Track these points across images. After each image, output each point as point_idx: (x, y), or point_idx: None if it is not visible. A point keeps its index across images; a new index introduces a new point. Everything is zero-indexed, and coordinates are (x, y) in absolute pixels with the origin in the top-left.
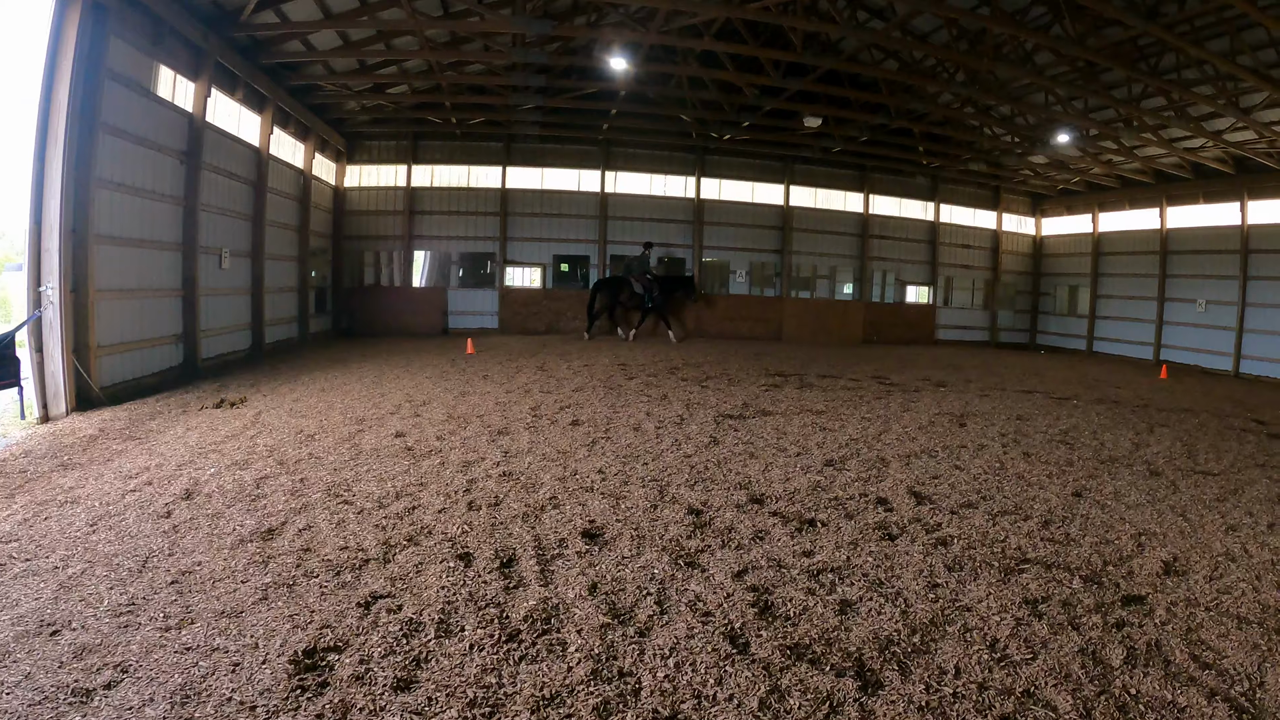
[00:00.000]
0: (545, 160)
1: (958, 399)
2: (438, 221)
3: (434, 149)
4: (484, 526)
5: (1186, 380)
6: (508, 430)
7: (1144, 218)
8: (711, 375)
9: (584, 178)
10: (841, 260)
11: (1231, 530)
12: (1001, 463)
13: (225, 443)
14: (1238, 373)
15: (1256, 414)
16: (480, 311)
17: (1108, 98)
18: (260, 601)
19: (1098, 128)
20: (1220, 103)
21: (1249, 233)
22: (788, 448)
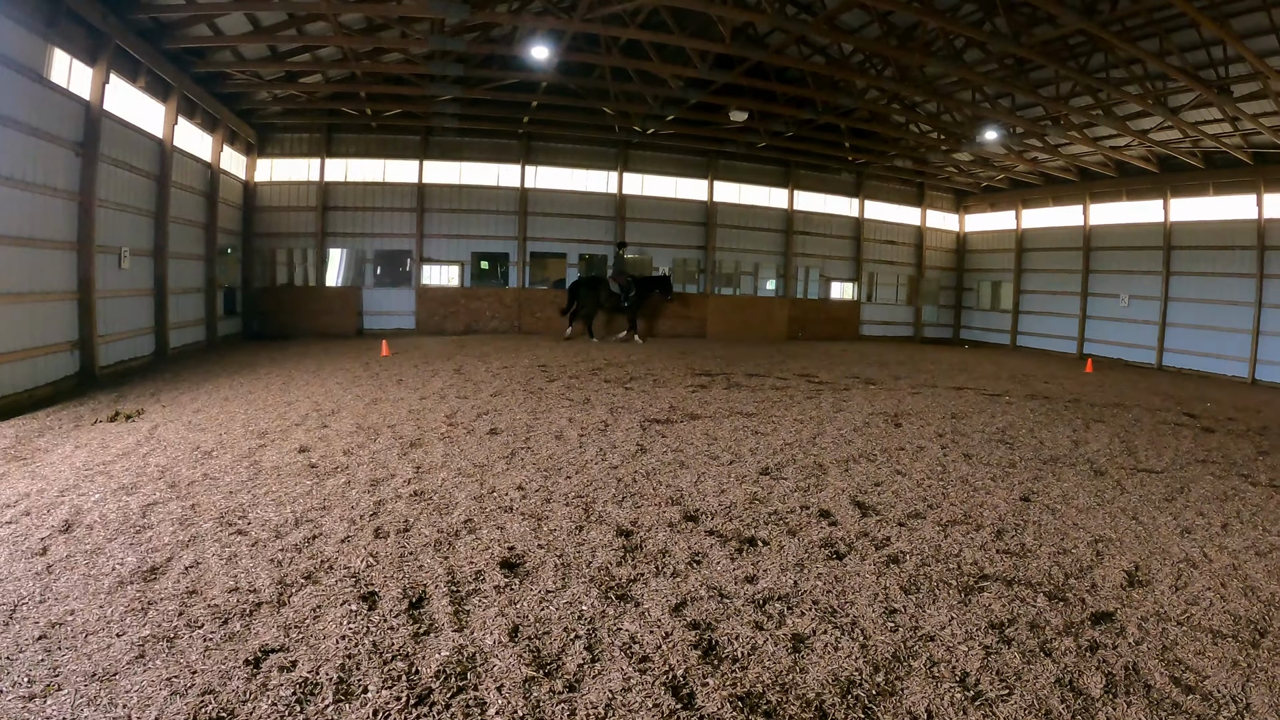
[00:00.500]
0: (464, 154)
1: (890, 397)
2: (352, 218)
3: (349, 142)
4: (391, 558)
5: (1112, 374)
6: (421, 442)
7: (1068, 214)
8: (635, 376)
9: (504, 172)
10: (766, 256)
11: (1186, 533)
12: (943, 466)
13: (115, 463)
14: (1161, 365)
15: (1186, 407)
16: (396, 311)
17: (1036, 96)
18: (136, 660)
19: (1025, 125)
20: (1149, 102)
21: (1171, 229)
22: (720, 455)
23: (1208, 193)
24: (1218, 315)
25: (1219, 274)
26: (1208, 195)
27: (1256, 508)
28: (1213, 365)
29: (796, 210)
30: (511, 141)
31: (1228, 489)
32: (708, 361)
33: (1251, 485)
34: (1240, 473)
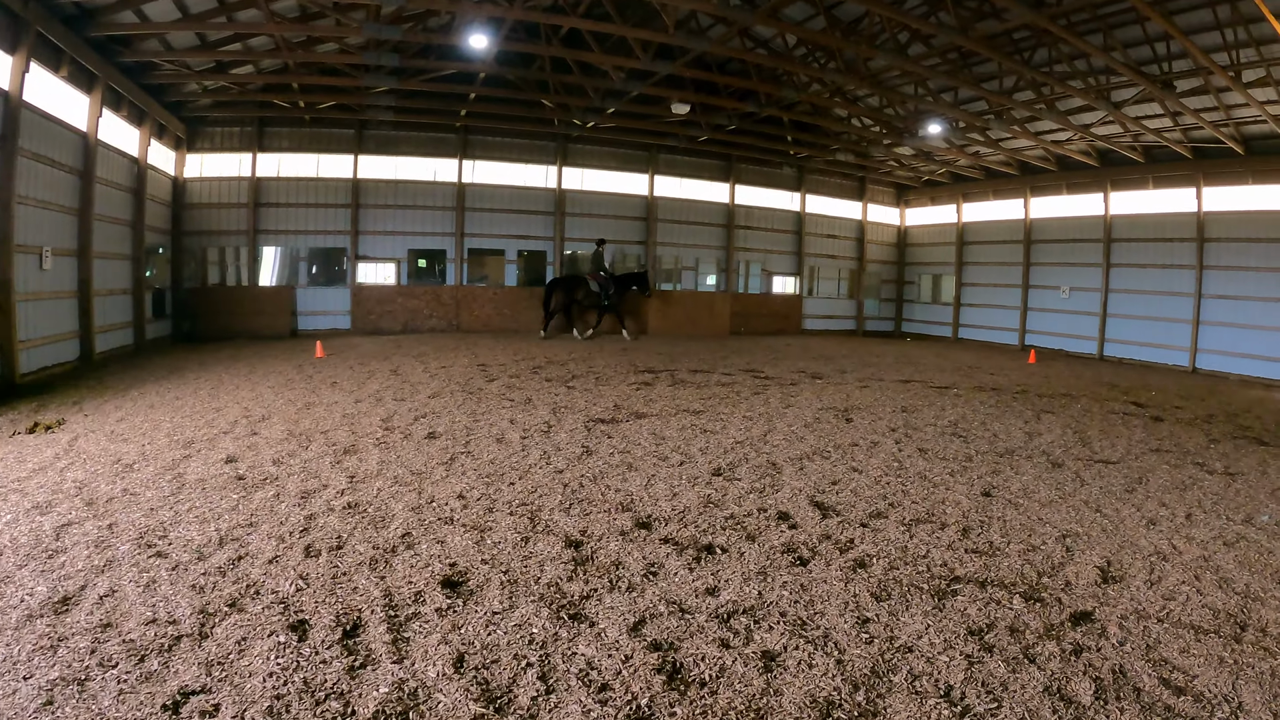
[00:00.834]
0: (400, 149)
1: (838, 391)
2: (285, 214)
3: (281, 136)
4: (323, 580)
5: (1055, 364)
6: (355, 448)
7: (1008, 208)
8: (577, 374)
9: (441, 167)
10: (707, 251)
11: (1152, 525)
12: (899, 461)
13: (30, 479)
14: (1102, 356)
15: (1132, 396)
16: (331, 311)
17: (980, 89)
18: (44, 709)
19: (968, 119)
20: (1093, 96)
21: (1111, 222)
22: (669, 455)
23: (1147, 186)
24: (1158, 306)
25: (1159, 266)
26: (1147, 189)
27: (1216, 496)
28: (1153, 355)
29: (738, 204)
30: (449, 135)
31: (1185, 478)
32: (650, 358)
33: (1208, 474)
34: (1195, 461)
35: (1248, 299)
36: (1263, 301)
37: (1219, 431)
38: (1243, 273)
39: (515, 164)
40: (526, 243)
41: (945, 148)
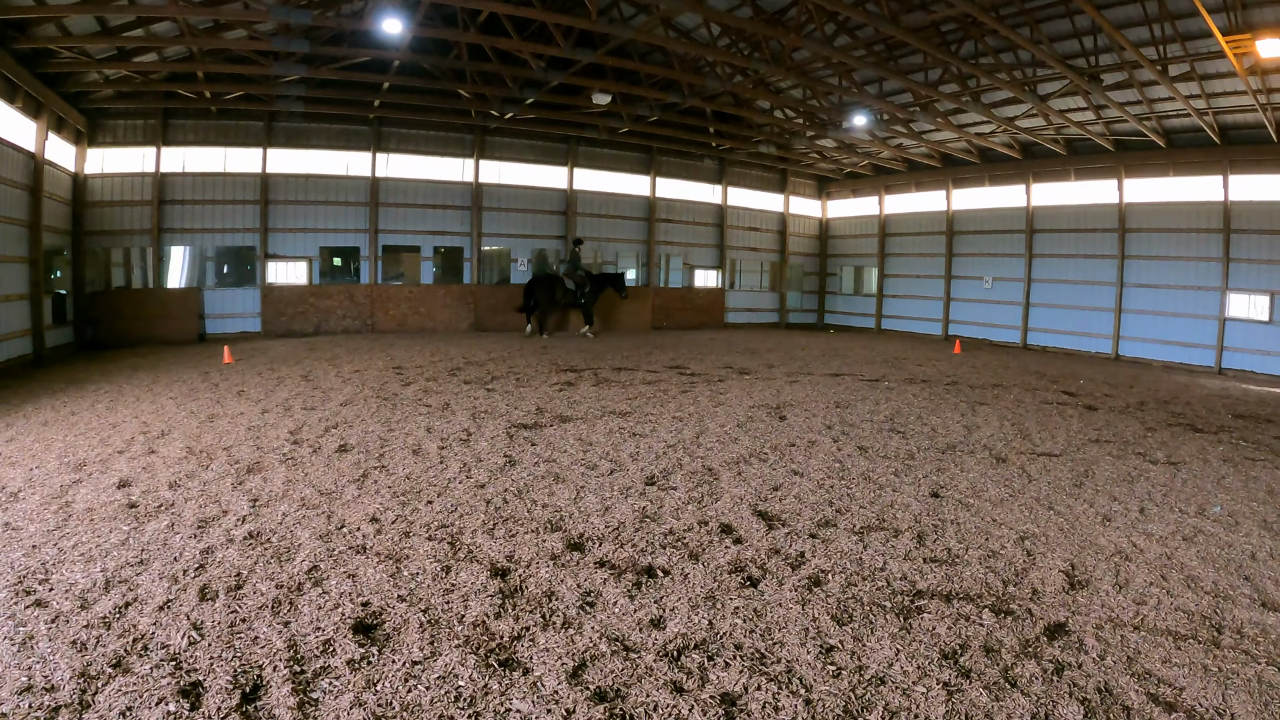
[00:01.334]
0: (311, 141)
1: (767, 387)
2: (192, 212)
3: (187, 129)
4: (219, 629)
5: (980, 354)
6: (260, 466)
7: (931, 199)
8: (497, 375)
9: (354, 161)
10: (628, 245)
11: (1107, 521)
12: (840, 462)
13: None
14: (1026, 345)
15: (1062, 385)
16: (241, 313)
17: (907, 81)
18: None
19: (893, 111)
20: (1019, 88)
21: (1034, 213)
22: (598, 464)
23: (1069, 178)
24: (1081, 295)
25: (1081, 256)
26: (1069, 181)
27: (1165, 488)
28: (1077, 343)
29: (659, 197)
30: (362, 127)
31: (1130, 470)
32: (572, 356)
33: (1151, 464)
34: (1136, 451)
35: (1168, 287)
36: (1182, 290)
37: (1153, 419)
38: (1163, 262)
39: (431, 157)
40: (443, 239)
41: (869, 140)
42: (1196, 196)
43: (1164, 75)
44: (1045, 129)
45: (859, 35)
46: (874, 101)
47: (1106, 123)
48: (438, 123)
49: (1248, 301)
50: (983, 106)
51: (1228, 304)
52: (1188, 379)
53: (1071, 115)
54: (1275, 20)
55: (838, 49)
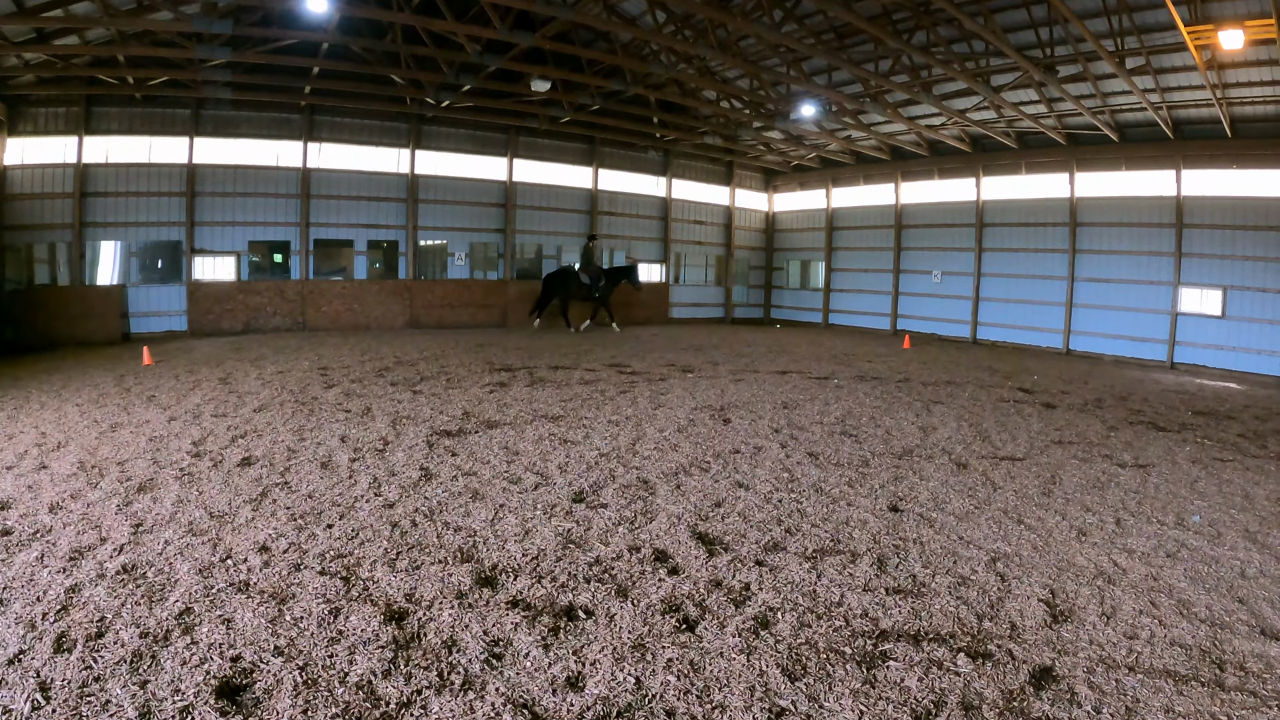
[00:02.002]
0: (240, 130)
1: (711, 387)
2: (116, 205)
3: (111, 117)
4: (69, 690)
5: (929, 349)
6: (153, 484)
7: (879, 193)
8: (426, 375)
9: (284, 150)
10: (569, 239)
11: (1084, 536)
12: (789, 471)
13: None
14: (975, 339)
15: (1016, 381)
16: (166, 311)
17: (859, 70)
18: None
19: (842, 100)
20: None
21: (984, 207)
22: (523, 476)
23: (1020, 172)
24: (1032, 289)
25: (1032, 250)
26: (1020, 174)
27: (1138, 495)
28: (1027, 337)
29: (602, 190)
30: (294, 116)
31: (1099, 474)
32: (509, 354)
33: (1120, 468)
34: (1102, 454)
35: (1120, 282)
36: (1135, 284)
37: (1114, 417)
38: (1115, 256)
39: (366, 147)
40: (378, 232)
41: (817, 132)
42: (1149, 191)
43: (1121, 67)
44: (997, 122)
45: (808, 23)
46: (824, 91)
47: (1059, 116)
48: (372, 111)
49: (1200, 296)
50: (934, 98)
51: (1180, 299)
52: (1141, 374)
53: (1024, 108)
54: (1235, 14)
55: (786, 34)
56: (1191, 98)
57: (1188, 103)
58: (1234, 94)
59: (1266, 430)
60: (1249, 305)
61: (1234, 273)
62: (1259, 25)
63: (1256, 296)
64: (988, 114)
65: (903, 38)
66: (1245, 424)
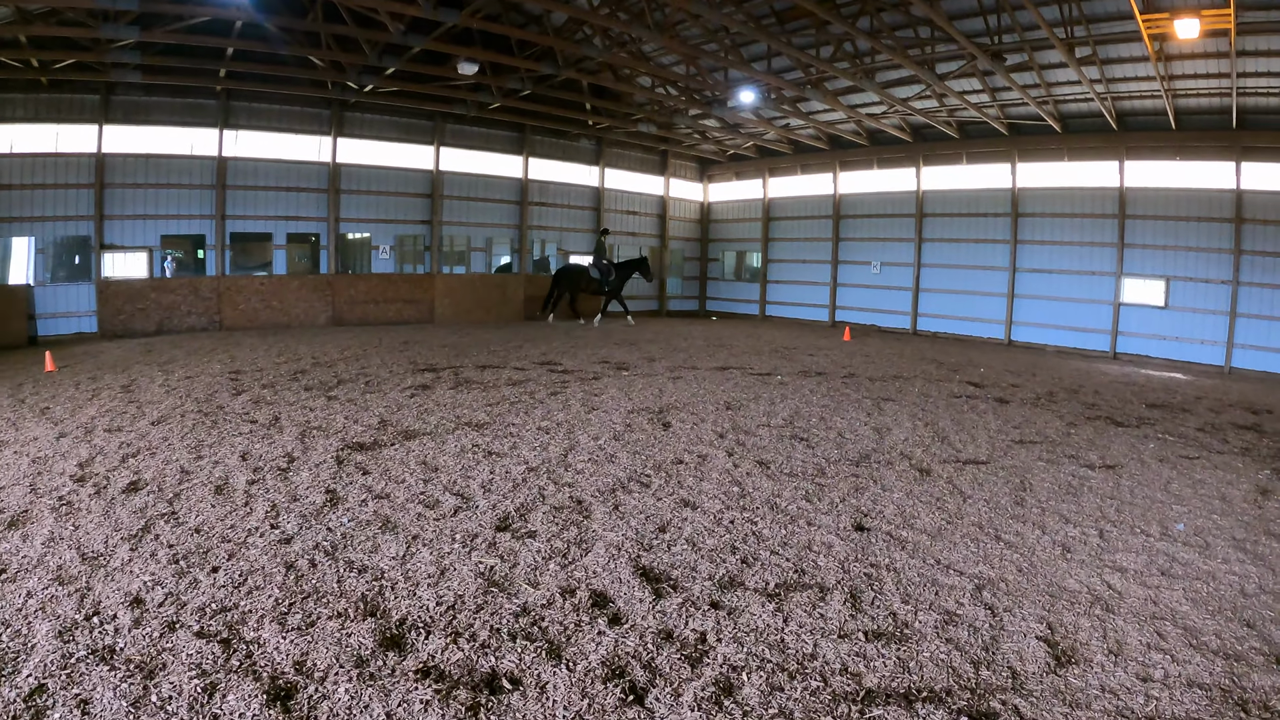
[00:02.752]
0: (153, 117)
1: (648, 386)
2: (21, 198)
3: (14, 104)
4: None
5: (870, 341)
6: (25, 517)
7: (817, 183)
8: (345, 378)
9: (199, 138)
10: (499, 230)
11: (1069, 553)
12: (740, 485)
13: None
14: (916, 330)
15: (964, 375)
16: (76, 312)
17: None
18: None
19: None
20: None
21: (924, 197)
22: (441, 499)
23: (961, 162)
24: (973, 280)
25: (973, 240)
26: (961, 164)
27: (1114, 501)
28: (969, 328)
29: (532, 179)
30: (209, 101)
31: (1069, 478)
32: (434, 352)
33: (1088, 470)
34: (1066, 453)
35: (1063, 272)
36: (1077, 275)
37: (1069, 412)
38: (1058, 247)
39: (285, 134)
40: (298, 224)
41: (755, 120)
42: (1092, 182)
43: (1071, 55)
44: (939, 111)
45: (748, 6)
46: (763, 77)
47: (1002, 106)
48: (292, 96)
49: (1143, 286)
50: (876, 85)
51: (1122, 289)
52: (1085, 364)
53: (968, 97)
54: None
55: (726, 15)
56: (1136, 89)
57: (1132, 94)
58: (1179, 86)
59: (1223, 423)
60: (1191, 295)
61: (1177, 263)
62: (1215, 15)
63: (1199, 287)
64: (930, 103)
65: (848, 21)
66: (1201, 416)
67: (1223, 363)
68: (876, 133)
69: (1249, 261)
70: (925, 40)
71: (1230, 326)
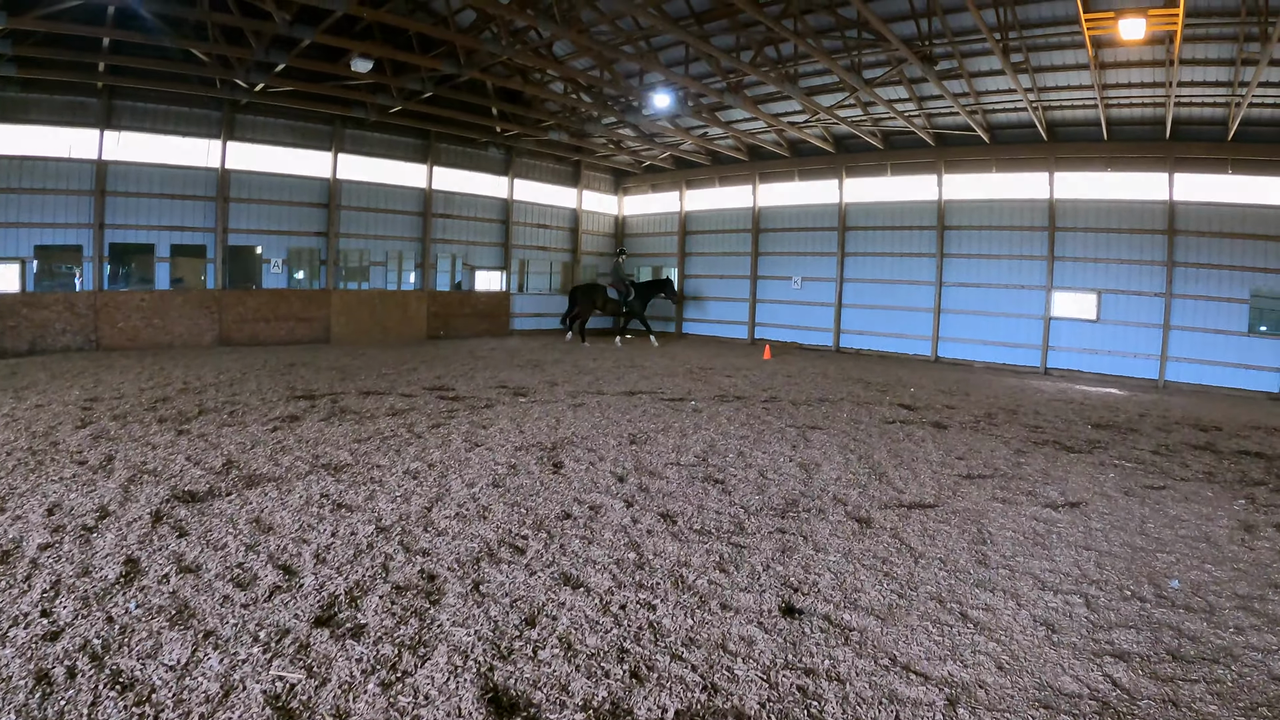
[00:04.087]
0: (28, 115)
1: (546, 415)
2: None
3: None
4: None
5: (792, 359)
6: None
7: (736, 195)
8: (209, 407)
9: (78, 140)
10: (401, 244)
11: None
12: (638, 548)
13: None
14: (839, 347)
15: (894, 396)
16: None
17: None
18: None
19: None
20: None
21: (846, 210)
22: (260, 574)
23: (886, 173)
24: (898, 295)
25: (898, 254)
26: (886, 176)
27: (1090, 551)
28: (894, 345)
29: (437, 190)
30: (89, 99)
31: (1032, 523)
32: (319, 375)
33: (1051, 510)
34: (1023, 490)
35: (991, 286)
36: (1006, 289)
37: (1013, 436)
38: (986, 260)
39: (173, 136)
40: (183, 235)
41: (672, 129)
42: (1021, 194)
43: (1006, 59)
44: (863, 120)
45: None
46: (681, 80)
47: (929, 115)
48: (180, 95)
49: (1074, 300)
50: (800, 91)
51: (1053, 303)
52: (1017, 381)
53: (895, 105)
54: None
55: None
56: (1069, 98)
57: (1064, 103)
58: (1113, 95)
59: (1176, 444)
60: (1124, 309)
61: (1109, 276)
62: (1162, 15)
63: (1132, 300)
64: (855, 112)
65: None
66: (1151, 437)
67: (1156, 376)
68: (798, 143)
69: (1182, 273)
70: (853, 44)
71: (1164, 340)
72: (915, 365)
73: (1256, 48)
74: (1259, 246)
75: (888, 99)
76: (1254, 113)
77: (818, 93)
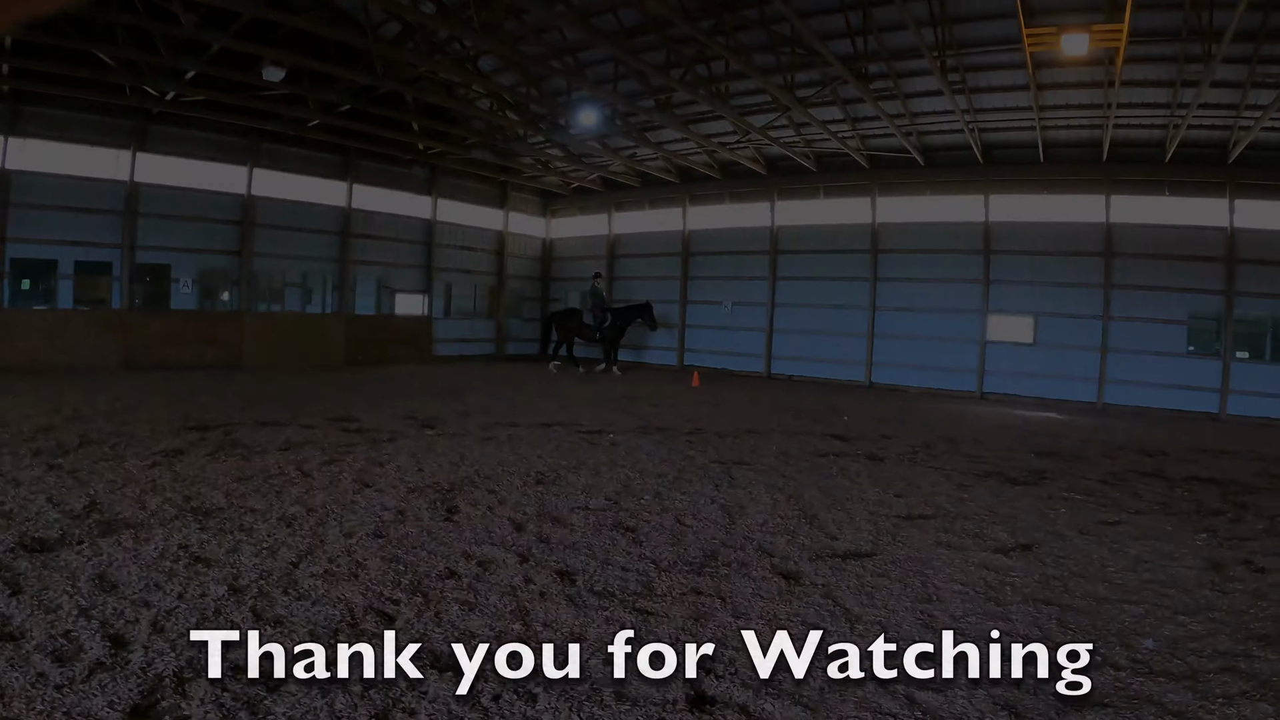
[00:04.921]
0: None
1: (450, 450)
2: None
3: None
4: None
5: (721, 386)
6: None
7: (665, 218)
8: (92, 438)
9: None
10: (318, 264)
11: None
12: (525, 617)
13: None
14: (770, 374)
15: (825, 426)
16: None
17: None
18: None
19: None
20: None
21: (778, 233)
22: (86, 646)
23: (819, 196)
24: (831, 320)
25: (831, 278)
26: (819, 199)
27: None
28: (827, 370)
29: (356, 209)
30: None
31: (984, 573)
32: (219, 405)
33: (1003, 555)
34: (969, 531)
35: (926, 310)
36: (941, 313)
37: (955, 469)
38: (920, 284)
39: (80, 145)
40: (88, 251)
41: (600, 149)
42: (956, 217)
43: (944, 78)
44: (796, 142)
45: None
46: (610, 97)
47: (863, 137)
48: (90, 102)
49: (1010, 323)
50: (732, 110)
51: (989, 326)
52: (955, 407)
53: (829, 127)
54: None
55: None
56: (1005, 119)
57: (1000, 125)
58: (1050, 117)
59: (1124, 471)
60: (1061, 332)
61: (1045, 299)
62: (1106, 31)
63: (1069, 323)
64: (787, 132)
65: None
66: (1097, 465)
67: (1095, 399)
68: (730, 165)
69: (1120, 296)
70: (787, 62)
71: (1102, 362)
72: (849, 391)
73: (1199, 68)
74: (1197, 268)
75: (822, 120)
76: (1193, 134)
77: (750, 112)
